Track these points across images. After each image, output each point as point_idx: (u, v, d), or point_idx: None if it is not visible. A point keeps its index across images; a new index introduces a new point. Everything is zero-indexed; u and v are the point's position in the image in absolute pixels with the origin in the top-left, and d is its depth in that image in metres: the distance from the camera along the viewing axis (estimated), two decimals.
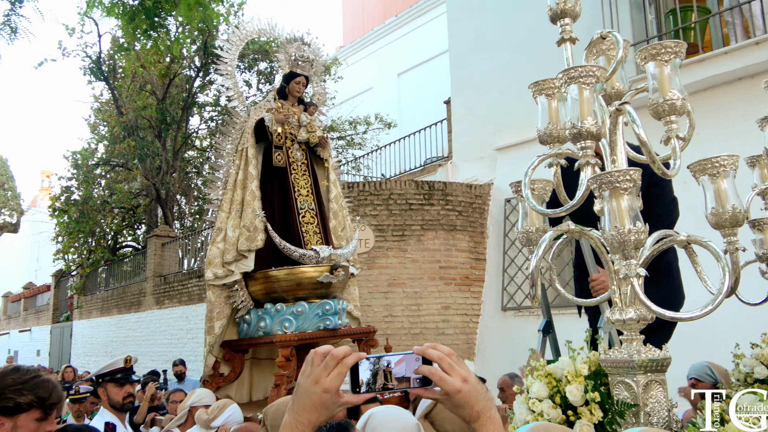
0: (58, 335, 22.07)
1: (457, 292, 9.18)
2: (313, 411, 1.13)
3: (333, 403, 1.12)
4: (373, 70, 18.29)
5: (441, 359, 1.15)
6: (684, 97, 2.13)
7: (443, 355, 1.15)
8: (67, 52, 17.56)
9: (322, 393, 1.11)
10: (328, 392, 1.11)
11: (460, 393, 1.13)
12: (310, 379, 1.13)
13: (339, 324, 5.03)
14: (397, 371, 1.15)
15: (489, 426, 1.15)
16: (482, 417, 1.15)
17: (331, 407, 1.13)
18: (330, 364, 1.12)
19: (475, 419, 1.15)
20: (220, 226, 5.05)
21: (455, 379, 1.13)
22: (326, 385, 1.11)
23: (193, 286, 13.35)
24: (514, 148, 9.40)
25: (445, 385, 1.13)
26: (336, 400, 1.12)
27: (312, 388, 1.12)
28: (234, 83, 5.46)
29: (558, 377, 2.46)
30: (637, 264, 2.05)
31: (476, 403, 1.15)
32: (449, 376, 1.13)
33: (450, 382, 1.13)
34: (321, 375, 1.12)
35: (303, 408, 1.13)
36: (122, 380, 3.74)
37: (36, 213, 28.78)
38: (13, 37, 6.70)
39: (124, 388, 3.73)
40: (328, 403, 1.12)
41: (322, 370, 1.12)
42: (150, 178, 17.23)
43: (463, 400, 1.14)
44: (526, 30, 9.22)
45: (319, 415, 1.13)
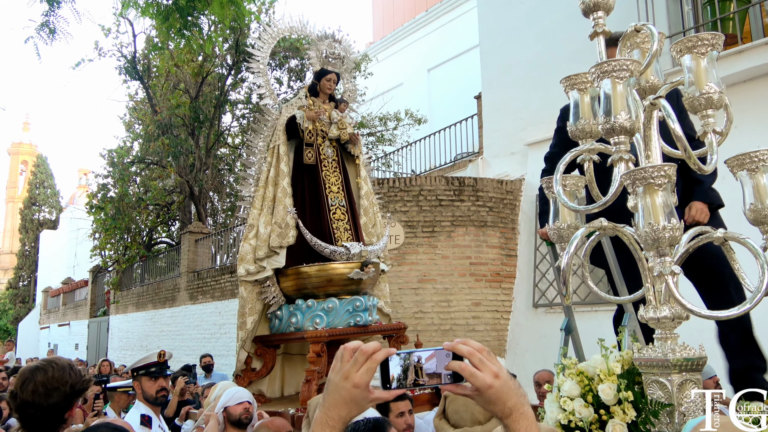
0: (95, 329, 22.58)
1: (487, 289, 9.12)
2: (344, 406, 1.13)
3: (363, 398, 1.12)
4: (404, 66, 18.25)
5: (471, 354, 1.13)
6: (721, 91, 2.08)
7: (474, 351, 1.13)
8: (103, 52, 17.88)
9: (352, 388, 1.11)
10: (357, 388, 1.11)
11: (491, 389, 1.11)
12: (340, 374, 1.13)
13: (369, 320, 5.05)
14: (428, 367, 1.14)
15: (522, 422, 1.13)
16: (515, 413, 1.13)
17: (362, 403, 1.13)
18: (359, 360, 1.12)
19: (508, 415, 1.13)
20: (252, 223, 5.10)
21: (486, 374, 1.11)
22: (356, 381, 1.11)
23: (225, 282, 13.53)
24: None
25: (475, 381, 1.11)
26: (366, 396, 1.12)
27: (342, 384, 1.12)
28: (266, 81, 5.50)
29: (590, 376, 2.43)
30: (671, 261, 2.02)
31: (508, 399, 1.13)
32: (480, 372, 1.11)
33: (481, 378, 1.11)
34: (351, 370, 1.11)
35: (333, 404, 1.13)
36: (156, 374, 3.80)
37: (74, 210, 29.43)
38: (52, 38, 6.84)
39: (158, 382, 3.79)
40: (358, 399, 1.12)
41: (351, 366, 1.12)
42: (183, 175, 17.49)
43: (495, 395, 1.12)
44: (557, 23, 9.09)
45: (350, 411, 1.13)
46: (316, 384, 4.37)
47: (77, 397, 2.26)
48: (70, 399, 2.24)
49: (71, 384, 2.24)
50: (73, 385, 2.24)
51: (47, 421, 2.20)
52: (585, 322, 7.94)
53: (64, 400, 2.22)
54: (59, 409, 2.22)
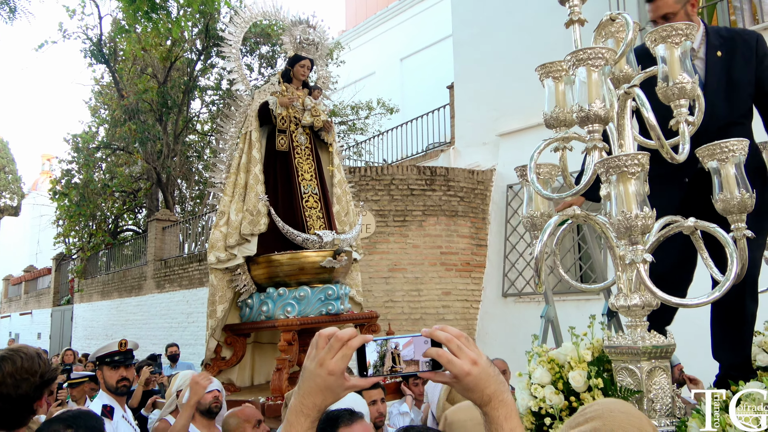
0: (58, 318, 22.16)
1: (457, 278, 9.18)
2: (318, 394, 1.10)
3: (338, 386, 1.10)
4: (376, 55, 18.17)
5: (449, 341, 1.11)
6: (694, 81, 2.11)
7: (451, 337, 1.11)
8: (68, 34, 17.42)
9: (327, 376, 1.09)
10: (332, 375, 1.08)
11: (469, 376, 1.09)
12: (315, 361, 1.10)
13: (341, 309, 5.03)
14: (405, 354, 1.12)
15: (501, 409, 1.11)
16: (494, 400, 1.11)
17: (337, 390, 1.10)
18: (334, 347, 1.09)
19: (486, 402, 1.11)
20: (223, 210, 5.03)
21: (464, 361, 1.09)
22: (331, 368, 1.08)
23: (193, 270, 13.37)
24: (517, 134, 9.36)
25: (453, 368, 1.09)
26: (342, 383, 1.10)
27: (317, 371, 1.09)
28: (238, 66, 5.41)
29: (561, 363, 2.45)
30: (643, 249, 2.04)
31: (487, 387, 1.10)
32: (458, 359, 1.09)
33: (458, 365, 1.09)
34: (325, 357, 1.09)
35: (308, 391, 1.11)
36: (117, 363, 3.72)
37: (37, 196, 28.76)
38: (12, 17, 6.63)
39: (119, 371, 3.70)
40: (334, 386, 1.10)
41: (326, 353, 1.09)
42: (151, 161, 17.19)
43: (473, 383, 1.09)
44: (531, 15, 9.14)
45: (325, 398, 1.11)
46: (287, 372, 4.34)
47: (46, 387, 2.20)
48: (40, 389, 2.18)
49: (41, 374, 2.17)
50: (42, 375, 2.18)
51: (16, 413, 2.14)
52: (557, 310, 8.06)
53: (34, 391, 2.16)
54: (28, 399, 2.16)
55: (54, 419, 2.25)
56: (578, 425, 1.49)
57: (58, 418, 2.26)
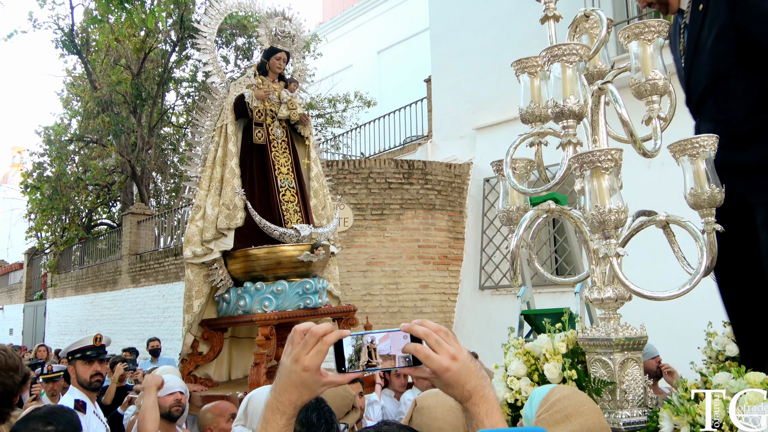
0: (31, 314, 21.80)
1: (435, 271, 9.23)
2: (294, 390, 1.08)
3: (315, 382, 1.07)
4: (353, 48, 18.11)
5: (427, 335, 1.08)
6: (666, 77, 2.14)
7: (430, 332, 1.08)
8: (38, 23, 17.05)
9: (302, 372, 1.06)
10: (308, 371, 1.06)
11: (448, 371, 1.06)
12: (290, 357, 1.08)
13: (319, 303, 5.02)
14: (381, 348, 1.09)
15: (482, 405, 1.08)
16: (474, 396, 1.08)
17: (313, 386, 1.08)
18: (309, 342, 1.07)
19: (467, 399, 1.09)
20: (199, 204, 4.98)
21: (443, 356, 1.06)
22: (306, 363, 1.06)
23: (169, 265, 13.24)
24: (493, 128, 9.41)
25: (431, 364, 1.06)
26: (318, 379, 1.07)
27: (292, 367, 1.07)
28: (213, 58, 5.35)
29: (536, 355, 2.48)
30: (616, 244, 2.07)
31: (467, 382, 1.08)
32: (436, 354, 1.06)
33: (437, 360, 1.06)
34: (301, 353, 1.07)
35: (284, 388, 1.09)
36: (91, 358, 3.67)
37: (7, 189, 28.22)
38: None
39: (93, 366, 3.66)
40: (309, 383, 1.07)
41: (301, 348, 1.07)
42: (125, 154, 16.94)
43: (453, 378, 1.07)
44: (508, 8, 9.18)
45: (301, 395, 1.09)
46: (265, 367, 4.32)
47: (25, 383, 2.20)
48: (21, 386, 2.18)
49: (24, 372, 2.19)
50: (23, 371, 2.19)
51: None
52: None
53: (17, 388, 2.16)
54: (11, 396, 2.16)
55: (31, 417, 2.23)
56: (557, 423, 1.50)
57: (35, 415, 2.24)
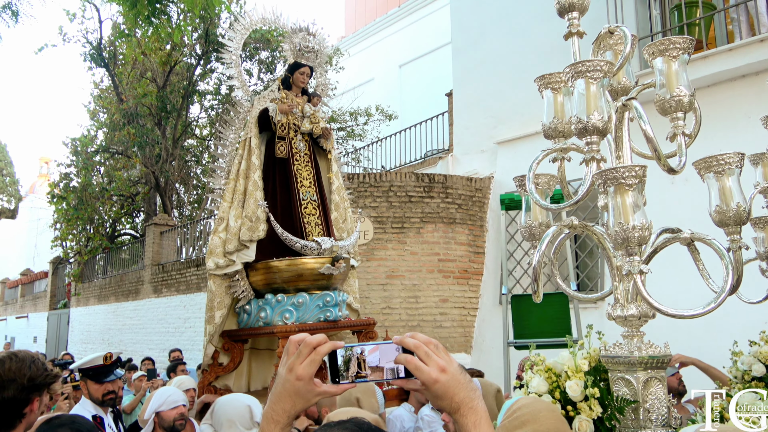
0: (55, 322, 22.08)
1: (455, 285, 9.19)
2: (288, 399, 1.11)
3: (308, 391, 1.10)
4: (375, 61, 18.22)
5: (417, 347, 1.10)
6: (691, 94, 2.13)
7: (420, 344, 1.10)
8: (68, 37, 17.45)
9: (296, 381, 1.09)
10: (301, 380, 1.09)
11: (437, 383, 1.08)
12: (285, 367, 1.11)
13: (339, 315, 5.03)
14: (371, 360, 1.12)
15: (470, 416, 1.10)
16: (463, 407, 1.10)
17: (306, 396, 1.11)
18: (303, 352, 1.10)
19: (456, 410, 1.10)
20: (222, 216, 5.04)
21: (432, 368, 1.08)
22: (299, 373, 1.09)
23: (191, 275, 13.35)
24: (515, 142, 9.39)
25: (421, 375, 1.08)
26: (311, 389, 1.10)
27: (286, 376, 1.10)
28: (238, 72, 5.43)
29: (558, 372, 2.46)
30: (640, 261, 2.05)
31: (456, 394, 1.09)
32: (425, 366, 1.08)
33: (426, 372, 1.08)
34: (295, 363, 1.10)
35: (278, 397, 1.12)
36: (101, 379, 3.61)
37: (34, 199, 28.74)
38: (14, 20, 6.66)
39: (104, 386, 3.63)
40: (303, 392, 1.10)
41: (296, 358, 1.10)
42: (149, 166, 17.18)
43: (442, 390, 1.08)
44: (530, 22, 9.19)
45: (294, 404, 1.11)
46: None
47: (36, 391, 2.16)
48: (28, 392, 2.15)
49: (30, 377, 2.15)
50: (32, 378, 2.15)
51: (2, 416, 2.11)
52: None
53: (20, 393, 2.13)
54: (15, 402, 2.13)
55: (56, 424, 2.23)
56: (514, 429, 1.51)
57: (60, 422, 2.25)
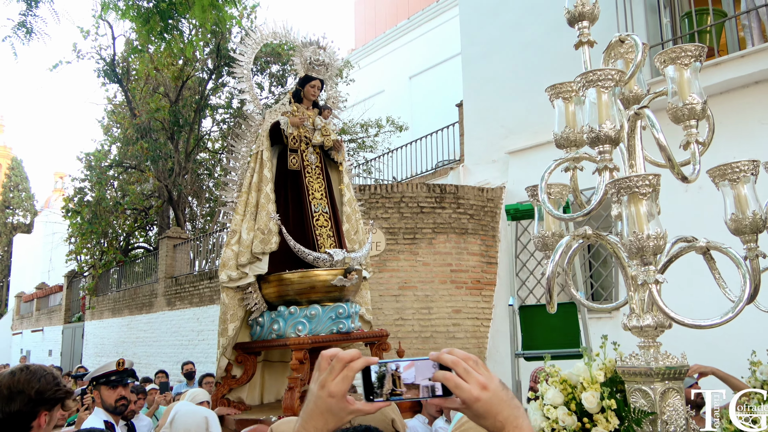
0: (69, 335, 22.22)
1: (468, 296, 9.14)
2: (320, 417, 1.06)
3: (341, 409, 1.05)
4: (385, 73, 18.30)
5: (456, 364, 1.05)
6: (704, 102, 2.11)
7: (459, 360, 1.05)
8: (82, 54, 17.68)
9: (328, 398, 1.05)
10: (333, 397, 1.04)
11: (479, 401, 1.03)
12: (317, 383, 1.07)
13: (352, 327, 5.03)
14: (406, 376, 1.07)
15: None
16: (507, 426, 1.04)
17: (339, 413, 1.06)
18: (336, 368, 1.05)
19: (500, 429, 1.04)
20: (235, 229, 5.06)
21: (473, 386, 1.03)
22: (332, 390, 1.04)
23: (204, 288, 13.40)
24: (526, 152, 9.37)
25: (461, 393, 1.03)
26: (344, 406, 1.05)
27: (318, 393, 1.06)
28: (250, 86, 5.47)
29: (573, 384, 2.43)
30: (655, 270, 2.03)
31: (499, 413, 1.04)
32: (466, 383, 1.03)
33: (467, 390, 1.03)
34: (327, 379, 1.05)
35: (310, 414, 1.07)
36: (115, 383, 3.68)
37: (49, 214, 28.96)
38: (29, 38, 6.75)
39: (117, 391, 3.68)
40: (335, 409, 1.05)
41: (327, 374, 1.05)
42: (162, 179, 17.32)
43: (484, 409, 1.03)
44: (539, 32, 9.19)
45: (326, 422, 1.07)
46: (299, 391, 4.33)
47: (44, 405, 2.13)
48: (35, 405, 2.12)
49: (38, 390, 2.12)
50: (40, 392, 2.12)
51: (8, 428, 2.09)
52: None
53: (27, 406, 2.11)
54: (21, 416, 2.10)
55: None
56: None
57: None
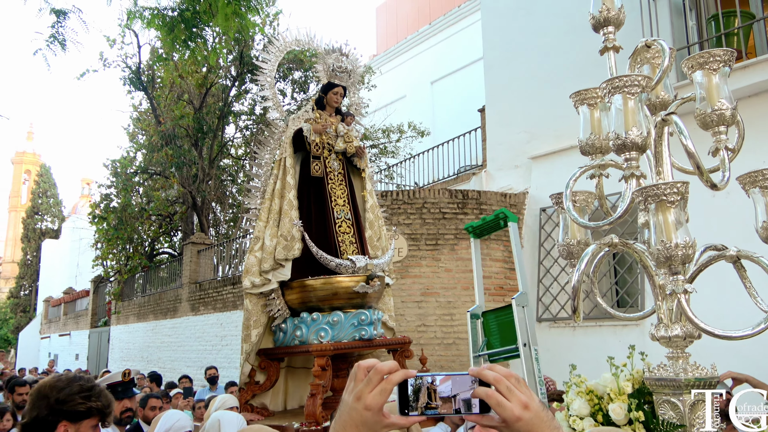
0: (96, 340, 22.53)
1: (491, 302, 9.06)
2: (354, 430, 1.04)
3: (376, 422, 1.03)
4: (407, 79, 18.31)
5: (498, 381, 1.02)
6: (734, 107, 2.07)
7: (501, 377, 1.02)
8: (108, 62, 17.98)
9: (364, 410, 1.02)
10: (369, 410, 1.02)
11: (520, 421, 1.00)
12: (353, 395, 1.04)
13: (374, 334, 5.01)
14: (442, 390, 1.05)
15: None
16: None
17: (374, 427, 1.04)
18: (373, 380, 1.03)
19: None
20: (258, 235, 5.09)
21: (515, 405, 1.00)
22: (368, 402, 1.02)
23: (227, 293, 13.49)
24: (549, 157, 9.29)
25: (503, 412, 1.00)
26: (380, 420, 1.03)
27: (354, 405, 1.03)
28: (273, 93, 5.51)
29: (600, 394, 2.40)
30: (684, 280, 1.99)
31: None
32: (508, 402, 1.00)
33: (509, 409, 1.00)
34: (363, 391, 1.03)
35: (344, 426, 1.05)
36: (120, 395, 3.64)
37: (76, 219, 29.45)
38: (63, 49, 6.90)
39: (122, 403, 3.65)
40: (370, 423, 1.03)
41: (364, 386, 1.03)
42: (186, 185, 17.52)
43: (524, 429, 1.01)
44: (561, 37, 9.12)
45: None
46: (321, 398, 4.33)
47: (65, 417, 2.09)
48: (56, 415, 2.08)
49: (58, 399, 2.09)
50: (61, 401, 2.09)
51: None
52: (590, 337, 7.90)
53: (48, 414, 2.08)
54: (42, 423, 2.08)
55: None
56: None
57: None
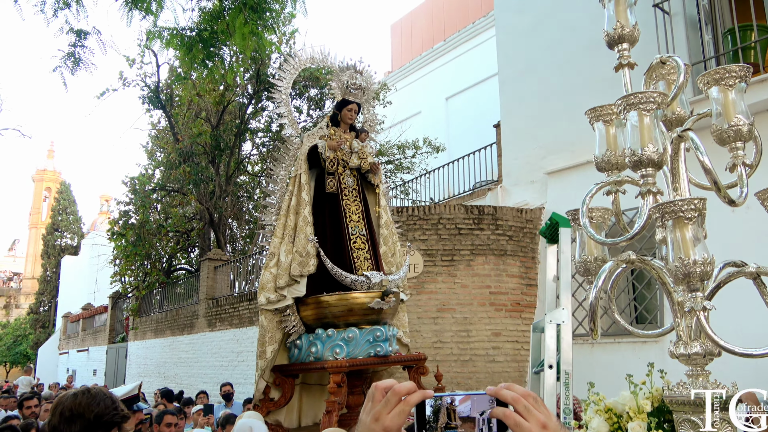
0: (113, 355, 22.66)
1: (507, 319, 9.01)
2: None
3: None
4: (422, 95, 18.39)
5: (516, 401, 1.02)
6: (750, 123, 2.06)
7: (519, 397, 1.02)
8: (128, 81, 18.27)
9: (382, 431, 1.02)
10: (387, 431, 1.02)
11: None
12: (371, 415, 1.03)
13: (390, 351, 4.99)
14: (461, 410, 1.05)
15: None
16: None
17: None
18: (391, 401, 1.02)
19: None
20: (273, 251, 5.11)
21: (533, 424, 1.00)
22: (386, 424, 1.01)
23: (244, 309, 13.53)
24: (565, 172, 9.25)
25: (521, 431, 1.00)
26: None
27: (371, 426, 1.03)
28: (288, 111, 5.57)
29: (619, 413, 2.37)
30: (703, 297, 1.97)
31: None
32: (526, 422, 1.00)
33: (527, 428, 1.00)
34: (381, 412, 1.02)
35: None
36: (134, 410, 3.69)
37: (95, 236, 29.76)
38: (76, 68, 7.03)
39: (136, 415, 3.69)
40: None
41: (383, 407, 1.02)
42: (204, 202, 17.66)
43: None
44: (576, 52, 9.12)
45: None
46: (336, 415, 4.31)
47: (103, 429, 2.18)
48: (93, 429, 2.16)
49: (97, 414, 2.16)
50: (99, 416, 2.16)
51: None
52: (608, 354, 7.80)
53: (85, 429, 2.15)
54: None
55: None
56: None
57: None
